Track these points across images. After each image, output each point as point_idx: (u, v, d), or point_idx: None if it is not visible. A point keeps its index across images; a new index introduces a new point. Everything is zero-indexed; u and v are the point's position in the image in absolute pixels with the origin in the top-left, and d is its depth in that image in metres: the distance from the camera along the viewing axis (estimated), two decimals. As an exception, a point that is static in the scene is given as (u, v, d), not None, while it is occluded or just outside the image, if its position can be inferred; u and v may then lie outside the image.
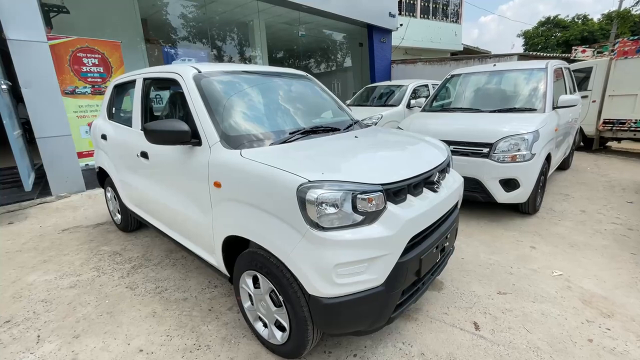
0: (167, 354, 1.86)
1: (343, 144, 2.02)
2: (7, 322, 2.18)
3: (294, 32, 10.10)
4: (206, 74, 2.19)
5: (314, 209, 1.39)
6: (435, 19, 15.68)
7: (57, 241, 3.40)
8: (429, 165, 1.79)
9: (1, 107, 3.99)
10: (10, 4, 4.30)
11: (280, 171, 1.50)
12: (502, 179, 3.32)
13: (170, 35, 8.63)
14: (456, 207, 2.16)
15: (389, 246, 1.46)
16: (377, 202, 1.48)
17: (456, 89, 4.76)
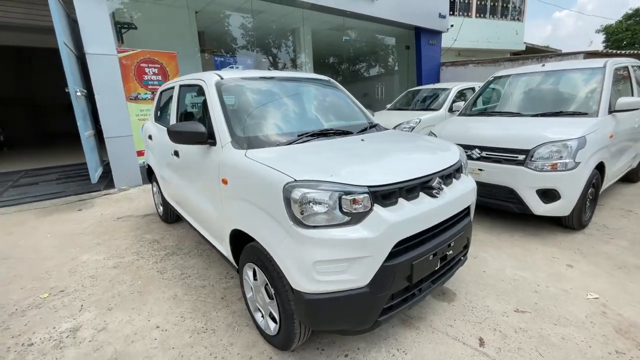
0: (178, 333, 2.06)
1: (346, 146, 2.05)
2: (61, 292, 2.58)
3: (339, 37, 10.23)
4: (227, 80, 2.38)
5: (297, 207, 1.45)
6: (493, 18, 14.67)
7: (111, 227, 3.90)
8: (428, 170, 1.74)
9: (77, 111, 4.70)
10: (90, 25, 5.05)
11: (271, 170, 1.59)
12: (540, 189, 3.04)
13: (222, 45, 9.34)
14: (467, 215, 2.06)
15: (371, 248, 1.46)
16: (363, 204, 1.49)
17: (499, 91, 4.46)
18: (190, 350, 1.91)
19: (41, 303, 2.44)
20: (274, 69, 11.05)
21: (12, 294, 2.58)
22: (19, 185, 5.88)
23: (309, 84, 2.82)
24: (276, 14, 8.24)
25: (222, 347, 1.93)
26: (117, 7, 6.55)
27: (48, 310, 2.36)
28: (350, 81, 14.82)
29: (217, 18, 8.20)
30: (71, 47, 4.87)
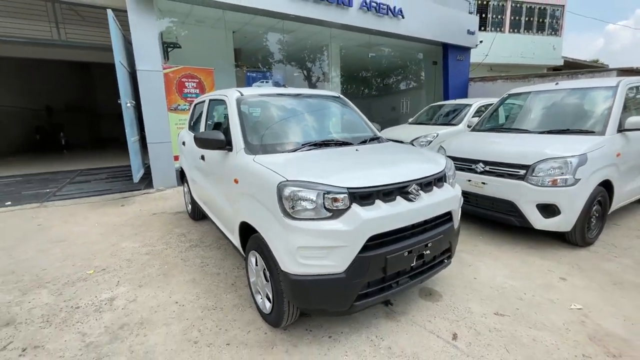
0: (192, 308, 2.43)
1: (341, 155, 2.35)
2: (103, 270, 3.08)
3: (366, 54, 10.60)
4: (246, 96, 2.80)
5: (287, 202, 1.78)
6: (528, 33, 14.35)
7: (147, 221, 4.45)
8: (405, 178, 1.99)
9: (125, 119, 5.41)
10: (142, 46, 5.82)
11: (270, 171, 1.94)
12: (540, 204, 3.12)
13: (256, 61, 10.06)
14: (449, 221, 2.25)
15: (346, 239, 1.74)
16: (343, 202, 1.79)
17: (512, 108, 4.54)
18: (201, 322, 2.27)
19: (87, 277, 2.94)
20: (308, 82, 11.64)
21: (66, 269, 3.11)
22: (75, 182, 6.76)
23: (319, 100, 3.17)
24: (306, 32, 8.79)
25: (227, 321, 2.27)
26: (166, 28, 7.40)
27: (92, 283, 2.84)
28: (377, 95, 15.09)
29: (252, 37, 8.91)
30: (125, 65, 5.63)
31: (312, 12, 7.29)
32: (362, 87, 14.58)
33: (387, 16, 8.47)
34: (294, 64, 10.72)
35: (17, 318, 2.37)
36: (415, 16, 9.05)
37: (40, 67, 12.68)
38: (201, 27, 7.99)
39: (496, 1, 13.78)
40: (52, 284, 2.84)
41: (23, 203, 5.29)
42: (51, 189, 6.09)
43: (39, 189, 6.14)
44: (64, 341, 2.11)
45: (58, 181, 6.73)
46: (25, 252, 3.49)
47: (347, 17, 7.89)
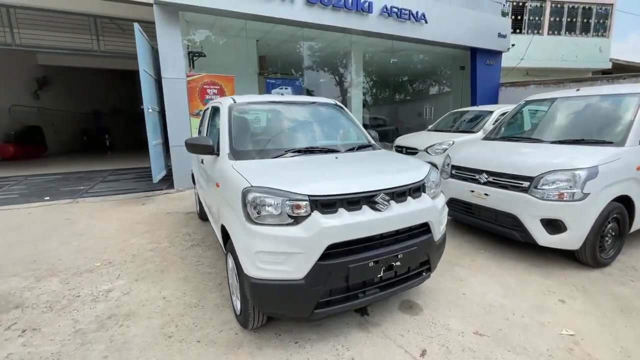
0: (176, 304, 2.56)
1: (319, 162, 2.37)
2: (109, 263, 3.32)
3: (389, 59, 10.49)
4: (239, 104, 2.91)
5: (250, 206, 1.83)
6: (570, 35, 13.38)
7: (160, 219, 4.72)
8: (372, 187, 1.96)
9: (147, 124, 5.80)
10: (168, 54, 6.23)
11: (240, 176, 2.01)
12: (544, 219, 2.91)
13: (279, 68, 10.32)
14: (426, 232, 2.18)
15: (303, 246, 1.76)
16: (304, 209, 1.81)
17: (529, 116, 4.29)
18: (180, 318, 2.38)
19: (94, 269, 3.19)
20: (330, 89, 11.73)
21: (78, 260, 3.40)
22: (106, 181, 7.34)
23: (313, 107, 3.21)
24: (327, 39, 8.90)
25: (204, 320, 2.36)
26: (191, 38, 7.85)
27: (97, 275, 3.08)
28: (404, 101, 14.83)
29: (275, 45, 9.17)
30: (150, 73, 6.06)
31: (330, 19, 7.38)
32: (388, 93, 14.40)
33: (409, 21, 8.34)
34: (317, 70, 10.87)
35: (26, 302, 2.63)
36: (440, 21, 8.82)
37: (88, 75, 13.93)
38: (225, 36, 8.38)
39: (534, 2, 13.03)
40: (64, 273, 3.12)
41: (59, 199, 5.84)
42: (85, 187, 6.66)
43: (75, 186, 6.74)
44: (58, 326, 2.31)
45: (92, 179, 7.34)
46: (49, 244, 3.85)
47: (368, 24, 7.88)
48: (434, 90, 13.05)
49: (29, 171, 8.26)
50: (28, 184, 6.76)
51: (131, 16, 6.63)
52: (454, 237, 3.83)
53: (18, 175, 7.56)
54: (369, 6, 7.67)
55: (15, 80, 11.20)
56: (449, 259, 3.26)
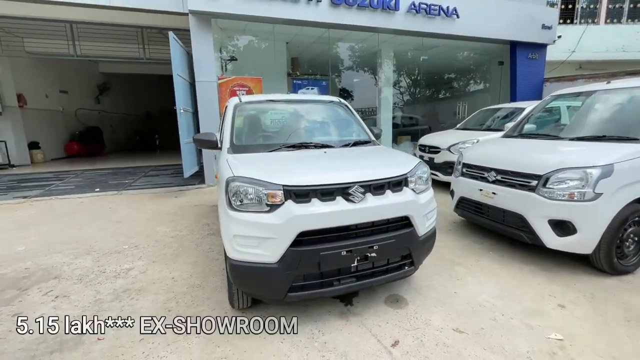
0: (182, 284, 2.83)
1: (306, 156, 2.49)
2: (135, 246, 3.73)
3: (420, 57, 10.22)
4: (244, 102, 3.13)
5: (231, 194, 2.01)
6: (634, 22, 11.93)
7: (186, 211, 5.15)
8: (347, 179, 2.04)
9: (180, 124, 6.32)
10: (202, 59, 6.73)
11: (227, 167, 2.20)
12: (553, 220, 2.75)
13: (310, 68, 10.54)
14: (407, 226, 2.20)
15: (276, 232, 1.89)
16: (278, 198, 1.95)
17: (554, 112, 4.01)
18: (183, 296, 2.65)
19: (121, 251, 3.61)
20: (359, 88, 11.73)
21: (111, 243, 3.86)
22: (147, 175, 8.08)
23: (315, 105, 3.34)
24: (355, 39, 8.94)
25: (201, 299, 2.59)
26: (224, 43, 8.36)
27: (123, 255, 3.49)
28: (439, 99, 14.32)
29: (304, 46, 9.42)
30: (184, 76, 6.58)
31: (356, 19, 7.42)
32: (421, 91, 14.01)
33: (439, 17, 8.09)
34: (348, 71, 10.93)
35: (63, 274, 3.08)
36: (474, 14, 8.43)
37: (141, 80, 15.34)
38: (256, 40, 8.79)
39: (589, -12, 11.85)
40: (97, 253, 3.58)
41: (107, 190, 6.58)
42: (129, 180, 7.42)
43: (121, 180, 7.53)
44: (83, 295, 2.70)
45: (136, 174, 8.13)
46: (91, 228, 4.40)
47: (395, 22, 7.80)
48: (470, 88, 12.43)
49: (87, 166, 9.36)
50: (84, 177, 7.70)
51: (171, 25, 7.25)
52: (464, 237, 3.73)
53: (77, 169, 8.62)
54: (395, 4, 7.58)
55: (81, 87, 12.73)
56: (451, 258, 3.20)
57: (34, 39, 8.20)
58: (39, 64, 10.24)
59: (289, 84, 9.19)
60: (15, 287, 2.86)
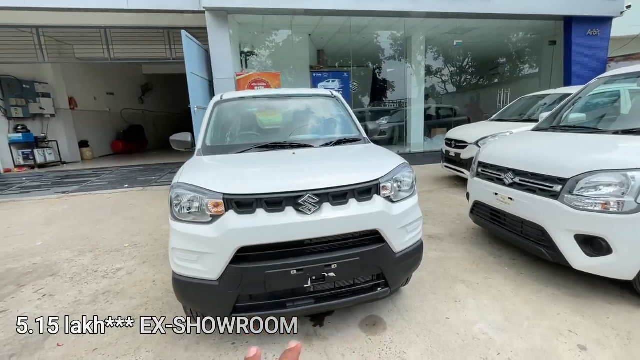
0: (160, 288, 2.77)
1: (270, 158, 2.24)
2: (135, 245, 3.79)
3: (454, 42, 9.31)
4: (225, 100, 2.95)
5: (173, 203, 1.84)
6: None
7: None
8: (298, 187, 1.75)
9: (195, 122, 6.38)
10: (219, 56, 6.75)
11: (178, 173, 2.03)
12: (580, 235, 2.20)
13: (336, 60, 10.17)
14: (377, 242, 1.87)
15: (212, 247, 1.68)
16: (219, 208, 1.73)
17: (597, 99, 3.29)
18: (154, 302, 2.57)
19: (121, 249, 3.69)
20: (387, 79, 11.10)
21: (115, 241, 3.97)
22: (174, 172, 8.35)
23: (304, 100, 3.05)
24: (380, 26, 8.38)
25: (172, 307, 2.49)
26: (243, 38, 8.31)
27: (120, 254, 3.55)
28: (480, 87, 13.08)
29: (328, 37, 9.07)
30: (200, 74, 6.63)
31: (378, 4, 6.91)
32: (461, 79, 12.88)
33: (473, -5, 7.25)
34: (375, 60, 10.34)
35: (60, 271, 3.20)
36: (517, -12, 7.43)
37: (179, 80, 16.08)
38: (275, 34, 8.63)
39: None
40: (99, 250, 3.69)
41: (134, 187, 6.93)
42: (156, 177, 7.75)
43: (149, 176, 7.90)
44: (67, 295, 2.74)
45: (164, 171, 8.49)
46: (105, 225, 4.60)
47: (422, 4, 7.14)
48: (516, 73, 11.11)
49: (125, 163, 10.01)
50: (117, 174, 8.21)
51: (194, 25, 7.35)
52: (479, 247, 3.23)
53: (114, 166, 9.24)
54: (422, -16, 6.92)
55: (126, 88, 13.68)
56: (456, 273, 2.76)
57: (83, 45, 8.89)
58: (88, 68, 11.12)
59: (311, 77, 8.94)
60: (15, 283, 3.01)
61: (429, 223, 4.02)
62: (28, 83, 9.11)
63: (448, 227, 3.85)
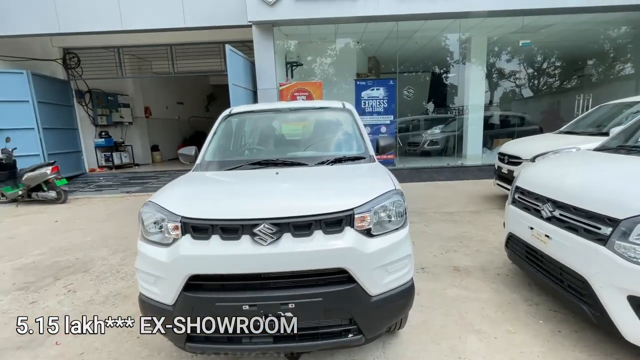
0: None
1: (252, 177, 2.13)
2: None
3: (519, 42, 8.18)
4: (234, 114, 2.94)
5: (140, 222, 1.84)
6: None
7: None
8: (255, 214, 1.59)
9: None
10: (263, 67, 6.97)
11: (158, 191, 2.04)
12: (636, 297, 1.65)
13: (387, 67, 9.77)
14: (347, 282, 1.61)
15: (164, 272, 1.63)
16: (178, 231, 1.67)
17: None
18: (151, 311, 2.64)
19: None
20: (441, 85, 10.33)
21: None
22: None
23: (312, 114, 2.90)
24: (434, 29, 7.80)
25: (163, 318, 2.53)
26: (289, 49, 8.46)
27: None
28: (551, 93, 11.38)
29: (377, 44, 8.76)
30: (242, 85, 6.88)
31: (425, 7, 6.43)
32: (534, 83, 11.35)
33: (542, -13, 6.30)
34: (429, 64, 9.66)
35: (91, 269, 3.52)
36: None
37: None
38: (321, 43, 8.61)
39: None
40: (130, 250, 3.99)
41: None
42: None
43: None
44: (86, 293, 2.99)
45: (213, 176, 9.03)
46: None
47: (477, 2, 6.44)
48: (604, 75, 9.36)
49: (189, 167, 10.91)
50: (173, 177, 8.97)
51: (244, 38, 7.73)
52: (512, 290, 2.69)
53: (173, 169, 10.14)
54: (478, -20, 6.25)
55: (194, 98, 15.07)
56: (473, 320, 2.32)
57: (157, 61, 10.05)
58: (162, 81, 12.51)
59: (356, 85, 8.71)
60: (54, 276, 3.39)
61: (460, 251, 3.52)
62: (112, 95, 10.56)
63: (482, 259, 3.30)
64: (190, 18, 7.10)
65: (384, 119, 7.62)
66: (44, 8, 7.22)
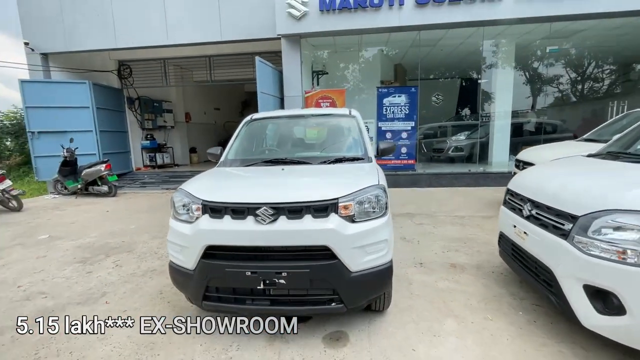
0: (188, 274, 3.35)
1: (262, 172, 2.56)
2: (191, 237, 4.59)
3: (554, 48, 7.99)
4: (255, 119, 3.41)
5: (172, 204, 2.32)
6: None
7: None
8: (256, 200, 2.00)
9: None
10: (290, 76, 7.49)
11: (187, 181, 2.52)
12: (590, 286, 1.83)
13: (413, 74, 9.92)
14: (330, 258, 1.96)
15: (188, 242, 2.07)
16: (200, 212, 2.13)
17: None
18: (180, 284, 3.14)
19: (180, 239, 4.51)
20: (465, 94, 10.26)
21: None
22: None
23: (321, 119, 3.29)
24: (457, 36, 7.89)
25: (189, 290, 3.01)
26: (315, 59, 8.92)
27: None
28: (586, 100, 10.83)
29: (402, 52, 8.98)
30: (270, 93, 7.43)
31: (447, 16, 6.60)
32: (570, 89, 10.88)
33: (568, -7, 6.22)
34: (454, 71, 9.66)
35: (135, 250, 4.14)
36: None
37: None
38: (346, 52, 8.99)
39: None
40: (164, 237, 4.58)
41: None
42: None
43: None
44: (130, 267, 3.57)
45: (243, 176, 9.68)
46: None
47: (501, 11, 6.49)
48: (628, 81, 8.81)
49: (219, 168, 11.76)
50: (207, 177, 9.76)
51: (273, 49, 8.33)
52: (501, 285, 2.88)
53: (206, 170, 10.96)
54: (501, -11, 6.31)
55: (230, 104, 16.10)
56: (454, 307, 2.55)
57: (197, 71, 11.02)
58: (201, 88, 13.58)
59: (381, 92, 8.97)
60: (105, 254, 4.04)
61: (461, 251, 3.70)
62: (157, 102, 11.68)
63: (480, 258, 3.47)
64: (226, 32, 7.82)
65: (405, 125, 7.81)
66: (104, 26, 8.30)
